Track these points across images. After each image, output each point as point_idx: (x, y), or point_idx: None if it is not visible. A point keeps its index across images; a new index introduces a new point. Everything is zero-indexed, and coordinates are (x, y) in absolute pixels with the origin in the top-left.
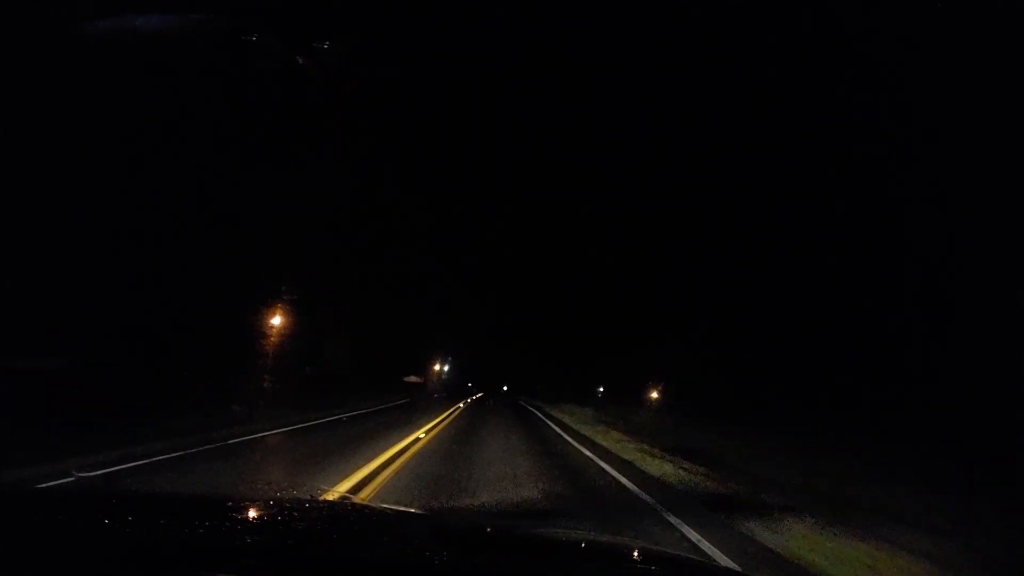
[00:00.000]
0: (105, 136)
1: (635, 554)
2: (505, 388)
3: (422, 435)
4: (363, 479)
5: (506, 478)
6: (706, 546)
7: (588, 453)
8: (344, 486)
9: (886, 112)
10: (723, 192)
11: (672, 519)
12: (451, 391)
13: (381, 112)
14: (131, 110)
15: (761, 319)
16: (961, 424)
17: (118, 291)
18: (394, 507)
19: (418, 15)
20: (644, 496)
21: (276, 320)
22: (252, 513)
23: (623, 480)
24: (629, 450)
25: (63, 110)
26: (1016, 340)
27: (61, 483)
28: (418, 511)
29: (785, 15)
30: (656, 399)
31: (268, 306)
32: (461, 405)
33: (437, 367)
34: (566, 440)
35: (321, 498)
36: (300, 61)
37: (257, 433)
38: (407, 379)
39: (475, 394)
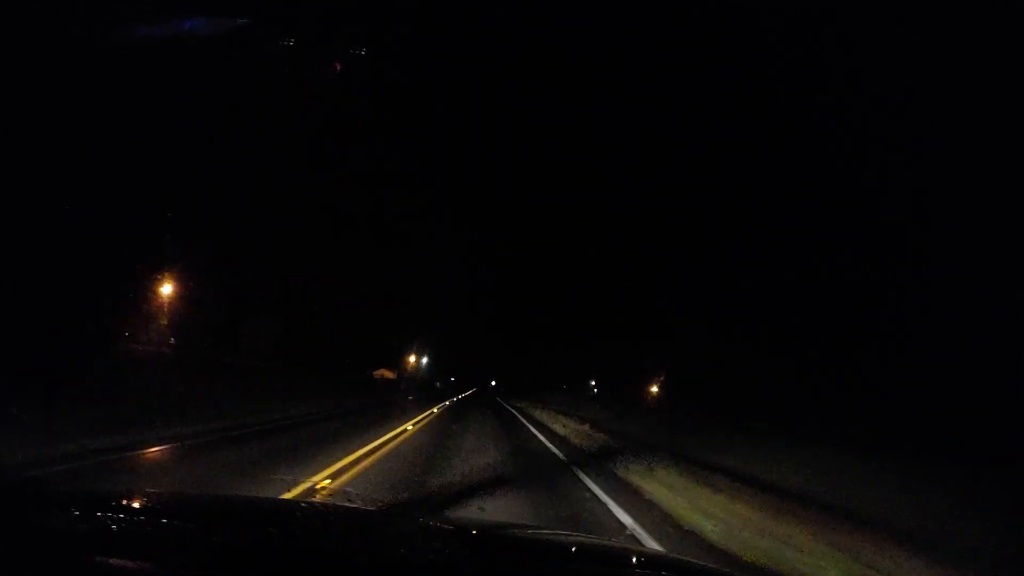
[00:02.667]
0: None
1: (631, 558)
2: (493, 383)
3: None
4: None
5: None
6: None
7: None
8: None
9: (889, 110)
10: (716, 181)
11: None
12: (423, 390)
13: (384, 98)
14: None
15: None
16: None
17: None
18: (371, 506)
19: (429, 18)
20: None
21: (167, 289)
22: (238, 513)
23: None
24: None
25: None
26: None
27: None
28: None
29: (783, 16)
30: (656, 394)
31: (152, 270)
32: (409, 427)
33: (413, 359)
34: None
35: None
36: (338, 67)
37: None
38: (376, 373)
39: (451, 397)
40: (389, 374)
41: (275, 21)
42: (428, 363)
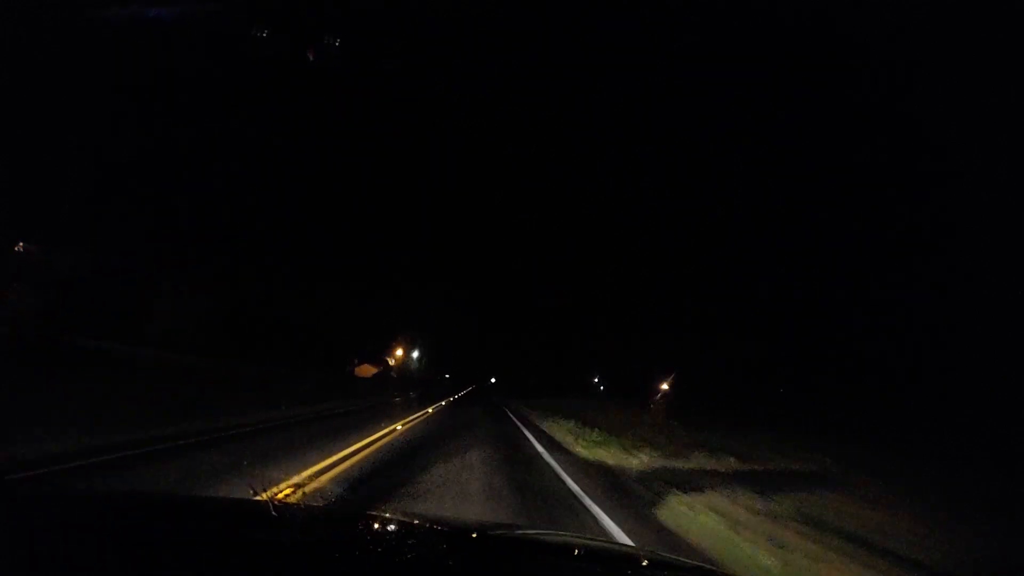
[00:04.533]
0: None
1: (631, 559)
2: (493, 380)
3: None
4: None
5: None
6: None
7: None
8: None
9: (894, 111)
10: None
11: None
12: (413, 389)
13: (381, 90)
14: None
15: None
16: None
17: None
18: (369, 510)
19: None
20: None
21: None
22: (219, 513)
23: None
24: None
25: None
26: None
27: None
28: (392, 513)
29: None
30: (665, 392)
31: None
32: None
33: (401, 352)
34: None
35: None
36: (311, 57)
37: None
38: (357, 370)
39: (443, 400)
40: (372, 369)
41: (250, 10)
42: (419, 358)
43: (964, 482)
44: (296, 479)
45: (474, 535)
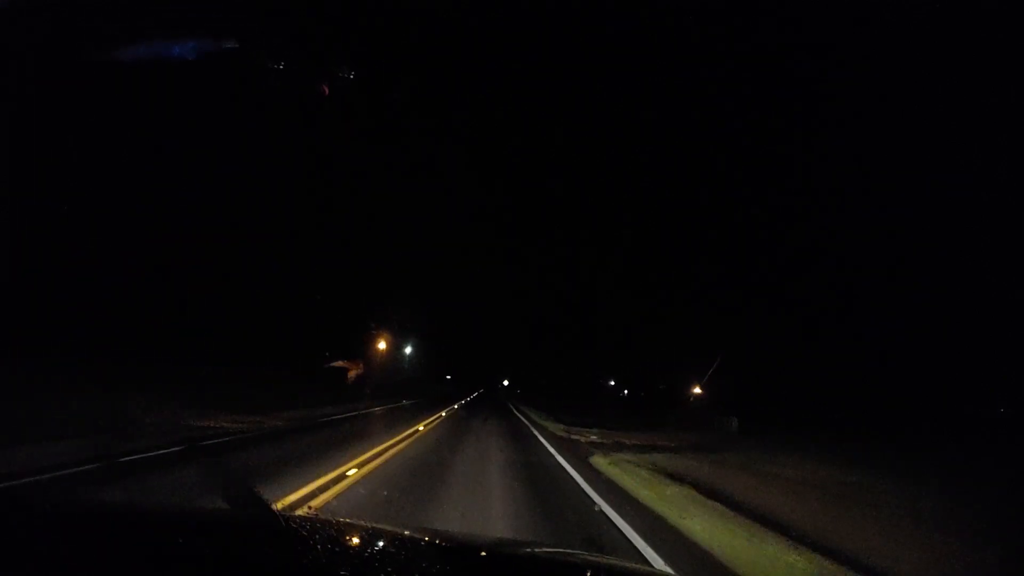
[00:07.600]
0: None
1: None
2: (505, 383)
3: None
4: None
5: None
6: None
7: None
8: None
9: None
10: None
11: None
12: (408, 393)
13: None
14: None
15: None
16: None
17: None
18: (376, 525)
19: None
20: None
21: None
22: (222, 526)
23: None
24: None
25: None
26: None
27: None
28: (402, 529)
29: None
30: (699, 396)
31: None
32: None
33: (384, 346)
34: None
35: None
36: (326, 91)
37: None
38: (333, 364)
39: (424, 416)
40: (350, 366)
41: (265, 45)
42: (413, 354)
43: None
44: None
45: (484, 554)
